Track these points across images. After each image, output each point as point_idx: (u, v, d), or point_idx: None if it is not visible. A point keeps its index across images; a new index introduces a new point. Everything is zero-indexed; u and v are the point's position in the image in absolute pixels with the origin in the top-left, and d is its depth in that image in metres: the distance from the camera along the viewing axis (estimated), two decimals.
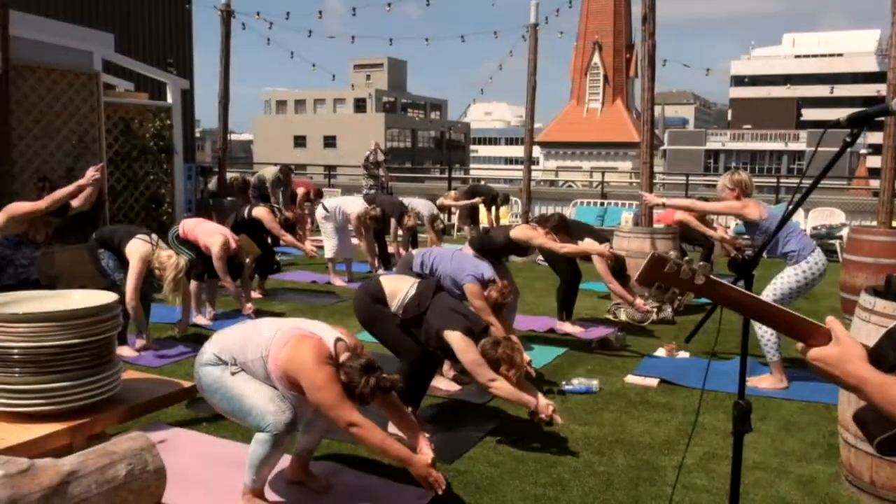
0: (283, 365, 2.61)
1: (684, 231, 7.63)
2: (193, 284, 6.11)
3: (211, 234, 5.89)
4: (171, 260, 4.90)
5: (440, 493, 2.67)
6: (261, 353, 2.66)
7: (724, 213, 4.73)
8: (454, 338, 3.42)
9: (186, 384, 2.75)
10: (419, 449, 2.75)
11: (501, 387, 3.41)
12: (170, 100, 9.43)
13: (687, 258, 1.42)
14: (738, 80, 62.49)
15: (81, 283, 4.76)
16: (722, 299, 1.32)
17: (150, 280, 5.30)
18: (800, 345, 1.28)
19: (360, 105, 58.71)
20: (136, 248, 4.88)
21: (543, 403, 3.51)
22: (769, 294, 4.37)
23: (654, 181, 10.90)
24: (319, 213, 8.19)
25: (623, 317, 6.46)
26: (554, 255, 5.85)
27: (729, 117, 64.70)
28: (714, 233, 7.81)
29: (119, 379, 2.58)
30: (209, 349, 2.76)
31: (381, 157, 12.10)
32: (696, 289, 1.33)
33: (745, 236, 5.76)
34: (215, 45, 10.58)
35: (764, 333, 4.49)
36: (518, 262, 8.71)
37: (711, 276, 1.32)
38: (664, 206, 4.96)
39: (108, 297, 2.57)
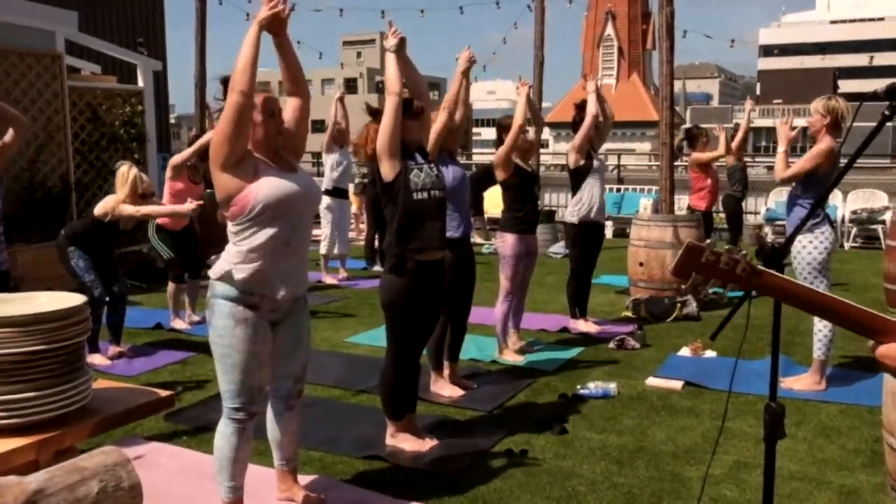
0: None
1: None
2: (171, 286, 6.13)
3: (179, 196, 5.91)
4: (119, 169, 5.02)
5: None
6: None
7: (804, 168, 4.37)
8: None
9: (164, 393, 2.75)
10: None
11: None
12: (141, 83, 9.42)
13: (708, 242, 1.40)
14: (767, 51, 62.31)
15: (48, 284, 4.76)
16: (772, 291, 1.28)
17: (123, 279, 5.31)
18: (871, 342, 1.25)
19: (350, 85, 58.65)
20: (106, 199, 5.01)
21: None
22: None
23: (676, 164, 10.88)
24: (323, 202, 8.18)
25: (643, 313, 6.47)
26: (569, 237, 6.09)
27: (757, 91, 64.54)
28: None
29: (89, 388, 2.58)
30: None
31: None
32: (740, 280, 1.30)
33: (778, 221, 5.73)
34: (190, 23, 10.57)
35: (822, 328, 4.48)
36: None
37: (758, 266, 1.29)
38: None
39: (77, 299, 2.57)
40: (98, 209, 4.99)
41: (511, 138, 4.92)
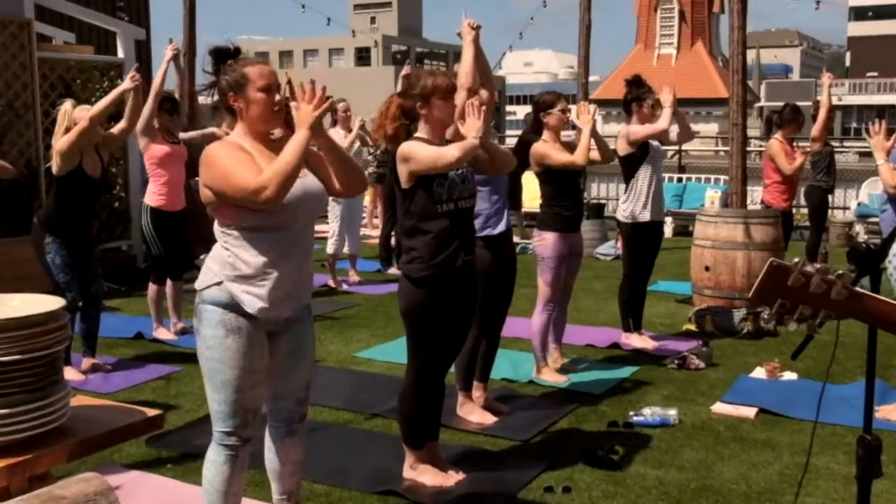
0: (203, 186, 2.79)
1: None
2: (152, 289, 6.19)
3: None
4: (63, 108, 5.12)
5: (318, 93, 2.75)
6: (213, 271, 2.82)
7: None
8: (404, 146, 3.53)
9: (152, 413, 2.77)
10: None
11: (461, 145, 3.50)
12: (121, 54, 9.52)
13: (796, 261, 1.34)
14: (859, 13, 61.43)
15: (15, 285, 4.83)
16: (876, 319, 1.23)
17: (100, 280, 5.37)
18: None
19: (362, 56, 58.90)
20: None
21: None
22: None
23: (749, 148, 10.77)
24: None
25: (709, 327, 6.41)
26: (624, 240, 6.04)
27: (847, 62, 63.65)
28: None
29: (67, 405, 2.61)
30: None
31: None
32: (836, 306, 1.24)
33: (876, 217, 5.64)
34: None
35: None
36: None
37: (857, 289, 1.25)
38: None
39: (54, 302, 2.60)
40: (54, 165, 5.06)
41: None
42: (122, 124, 5.48)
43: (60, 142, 5.01)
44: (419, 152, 3.49)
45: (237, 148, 2.79)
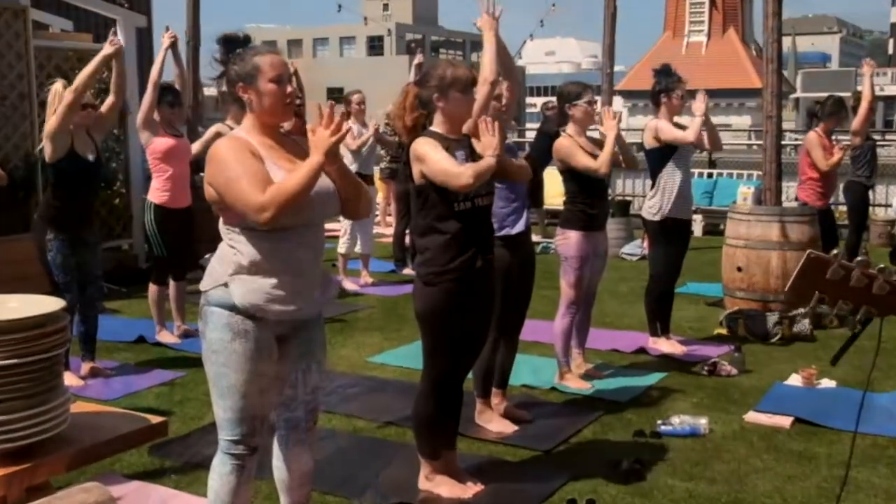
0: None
1: None
2: (153, 290, 6.23)
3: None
4: (53, 88, 5.11)
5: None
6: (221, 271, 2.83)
7: None
8: (418, 146, 3.53)
9: (156, 420, 2.80)
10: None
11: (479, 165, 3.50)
12: (122, 42, 9.58)
13: (835, 252, 1.34)
14: None
15: (11, 286, 4.88)
16: None
17: (98, 283, 5.41)
18: None
19: (375, 45, 58.92)
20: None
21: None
22: None
23: (784, 142, 10.70)
24: None
25: (741, 331, 6.40)
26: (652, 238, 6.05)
27: (889, 49, 63.13)
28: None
29: (67, 412, 2.63)
30: None
31: None
32: (878, 302, 1.24)
33: None
34: None
35: None
36: None
37: None
38: None
39: (53, 303, 2.62)
40: (46, 151, 5.05)
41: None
42: (109, 99, 5.43)
43: (50, 122, 5.03)
44: (433, 161, 3.48)
45: (246, 150, 2.77)
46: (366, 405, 4.93)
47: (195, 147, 6.40)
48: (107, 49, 5.24)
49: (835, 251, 1.36)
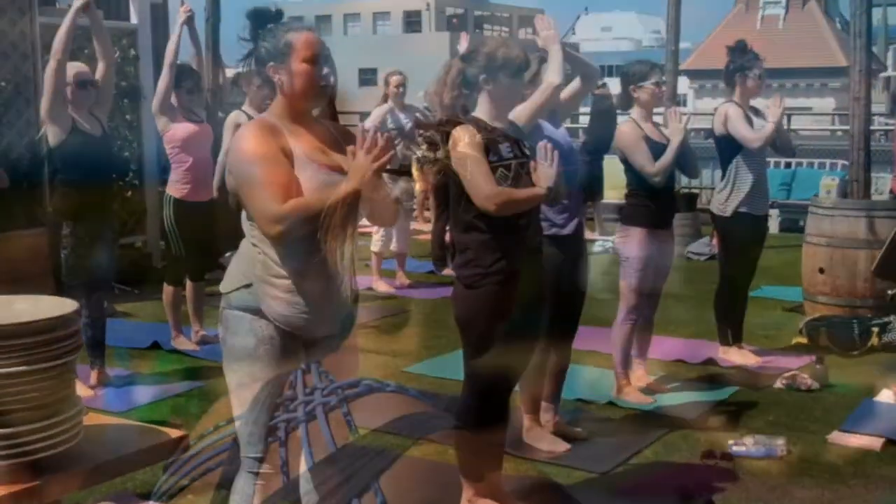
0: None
1: None
2: (168, 291, 6.28)
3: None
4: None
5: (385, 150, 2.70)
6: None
7: None
8: (460, 135, 3.49)
9: (176, 434, 2.81)
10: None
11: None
12: (134, 19, 9.68)
13: None
14: None
15: (14, 287, 4.94)
16: None
17: (110, 284, 5.47)
18: None
19: (412, 21, 59.01)
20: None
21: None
22: None
23: (872, 127, 10.53)
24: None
25: (824, 340, 6.31)
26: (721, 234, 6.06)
27: None
28: None
29: (80, 425, 2.64)
30: None
31: None
32: None
33: None
34: None
35: None
36: None
37: None
38: None
39: (64, 305, 2.63)
40: (49, 134, 5.13)
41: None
42: (99, 67, 5.45)
43: (43, 101, 5.10)
44: (471, 163, 3.45)
45: (276, 143, 2.75)
46: (401, 419, 4.91)
47: (217, 173, 6.23)
48: (76, 2, 5.27)
49: None
